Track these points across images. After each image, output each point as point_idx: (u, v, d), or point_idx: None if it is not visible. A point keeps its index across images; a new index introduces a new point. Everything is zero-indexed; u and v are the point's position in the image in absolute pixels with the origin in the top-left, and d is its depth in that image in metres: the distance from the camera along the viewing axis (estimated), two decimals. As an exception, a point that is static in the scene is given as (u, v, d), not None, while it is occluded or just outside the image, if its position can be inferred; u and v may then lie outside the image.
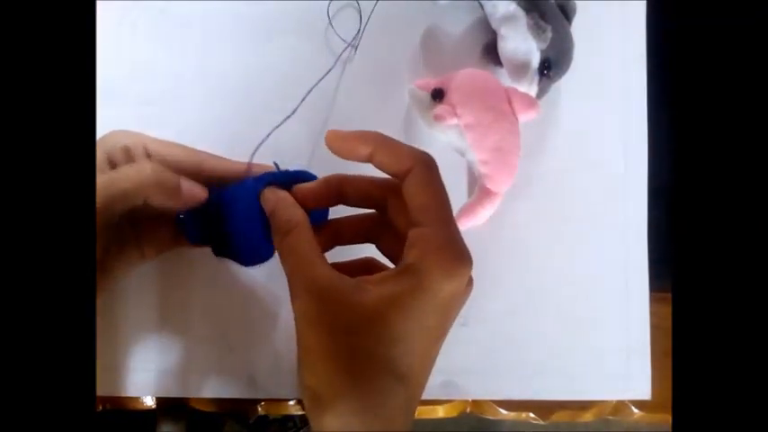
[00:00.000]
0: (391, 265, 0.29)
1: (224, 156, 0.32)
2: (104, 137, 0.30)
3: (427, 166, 0.26)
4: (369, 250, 0.31)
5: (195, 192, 0.30)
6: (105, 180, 0.27)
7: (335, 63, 0.36)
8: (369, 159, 0.27)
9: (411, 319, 0.24)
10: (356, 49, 0.37)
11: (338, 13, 0.37)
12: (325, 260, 0.26)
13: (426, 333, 0.25)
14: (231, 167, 0.32)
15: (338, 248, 0.31)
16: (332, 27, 0.37)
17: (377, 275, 0.26)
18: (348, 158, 0.28)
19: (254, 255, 0.31)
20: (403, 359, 0.24)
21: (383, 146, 0.27)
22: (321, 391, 0.25)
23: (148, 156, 0.30)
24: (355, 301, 0.24)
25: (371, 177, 0.29)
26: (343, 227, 0.31)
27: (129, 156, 0.30)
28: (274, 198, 0.29)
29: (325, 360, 0.24)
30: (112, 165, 0.30)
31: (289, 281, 0.26)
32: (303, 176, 0.30)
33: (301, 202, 0.29)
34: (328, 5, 0.37)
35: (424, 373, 0.26)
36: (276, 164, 0.32)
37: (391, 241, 0.29)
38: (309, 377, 0.25)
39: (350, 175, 0.29)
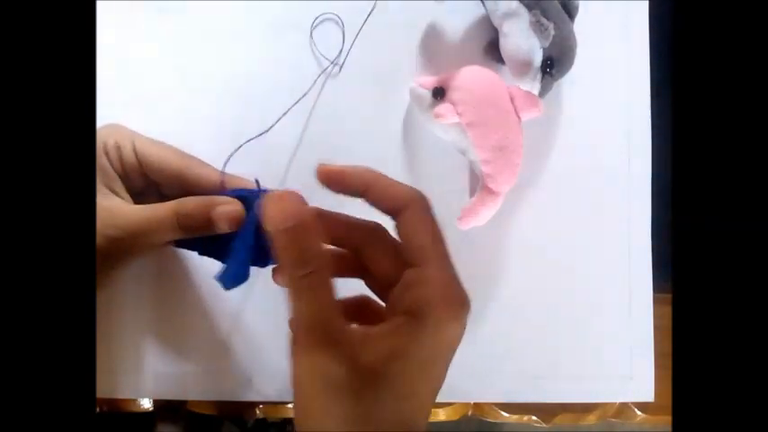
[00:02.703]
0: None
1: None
2: (97, 131, 0.30)
3: (421, 204, 0.26)
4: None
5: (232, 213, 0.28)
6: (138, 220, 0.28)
7: (315, 81, 0.36)
8: (361, 196, 0.26)
9: (419, 371, 0.23)
10: (341, 67, 0.37)
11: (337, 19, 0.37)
12: (339, 308, 0.24)
13: (428, 383, 0.24)
14: (210, 175, 0.30)
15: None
16: (314, 45, 0.37)
17: (379, 327, 0.24)
18: (340, 193, 0.26)
19: (236, 278, 0.28)
20: (408, 414, 0.24)
21: (377, 183, 0.26)
22: None
23: (136, 155, 0.30)
24: (362, 359, 0.23)
25: (348, 218, 0.28)
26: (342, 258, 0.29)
27: (119, 152, 0.30)
28: (296, 221, 0.24)
29: (332, 421, 0.23)
30: (109, 158, 0.30)
31: (299, 325, 0.24)
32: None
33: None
34: (312, 22, 0.37)
35: (425, 422, 0.25)
36: (257, 181, 0.30)
37: (370, 282, 0.28)
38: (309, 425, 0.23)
39: (326, 212, 0.28)
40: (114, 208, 0.29)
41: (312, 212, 0.24)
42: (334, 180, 0.26)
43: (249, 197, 0.29)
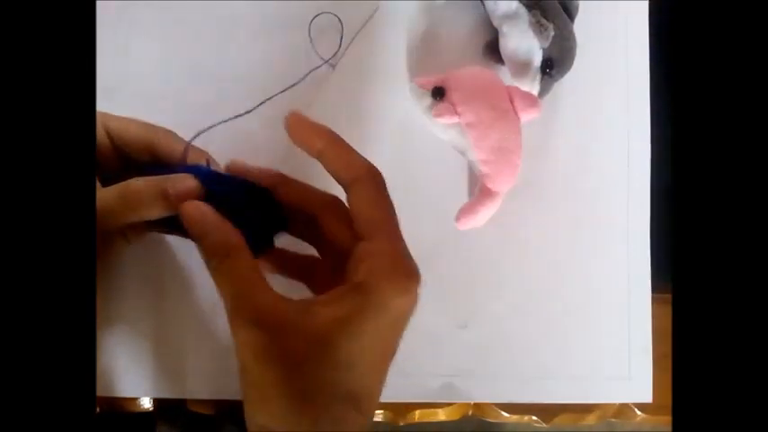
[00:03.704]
0: None
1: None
2: None
3: (374, 178, 0.26)
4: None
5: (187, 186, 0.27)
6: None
7: (305, 76, 0.35)
8: (318, 156, 0.27)
9: (364, 341, 0.23)
10: (334, 67, 0.37)
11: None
12: (268, 284, 0.25)
13: (379, 352, 0.24)
14: (176, 147, 0.30)
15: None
16: (313, 45, 0.37)
17: (324, 296, 0.24)
18: (300, 147, 0.27)
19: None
20: (357, 382, 0.24)
21: (333, 147, 0.26)
22: (274, 429, 0.23)
23: (108, 135, 0.30)
24: (304, 327, 0.23)
25: (308, 188, 0.28)
26: (286, 259, 0.30)
27: None
28: (201, 217, 0.26)
29: (278, 397, 0.23)
30: None
31: (228, 309, 0.24)
32: (231, 180, 0.29)
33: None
34: (310, 22, 0.37)
35: (377, 392, 0.25)
36: (208, 160, 0.30)
37: (325, 274, 0.28)
38: (260, 415, 0.24)
39: (290, 178, 0.29)
40: None
41: (205, 208, 0.26)
42: (294, 127, 0.27)
43: (198, 174, 0.28)
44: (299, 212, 0.28)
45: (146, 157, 0.30)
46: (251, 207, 0.28)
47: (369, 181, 0.26)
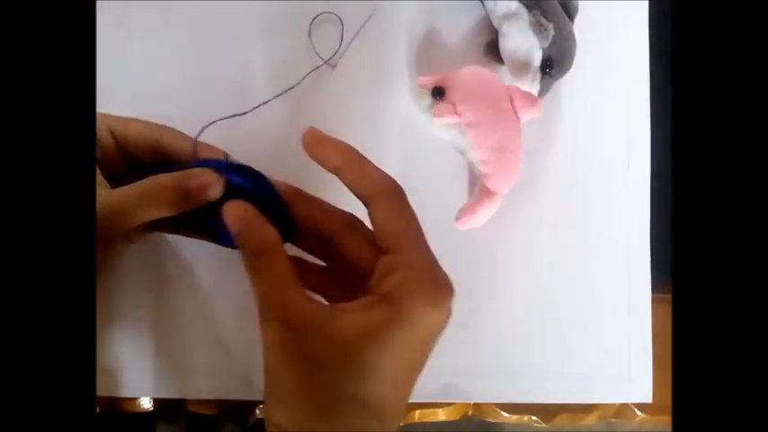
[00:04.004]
0: None
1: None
2: None
3: (395, 192, 0.26)
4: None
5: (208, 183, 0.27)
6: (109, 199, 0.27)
7: (305, 77, 0.35)
8: (336, 172, 0.26)
9: (388, 352, 0.23)
10: (334, 67, 0.37)
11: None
12: (300, 285, 0.25)
13: (404, 366, 0.24)
14: (184, 144, 0.30)
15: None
16: (312, 45, 0.37)
17: (353, 303, 0.24)
18: (317, 162, 0.27)
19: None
20: (379, 394, 0.23)
21: (352, 162, 0.26)
22: (289, 429, 0.23)
23: (112, 135, 0.29)
24: (330, 332, 0.23)
25: (328, 206, 0.28)
26: (309, 271, 0.30)
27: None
28: (241, 214, 0.26)
29: (298, 397, 0.23)
30: None
31: (259, 306, 0.25)
32: (253, 175, 0.29)
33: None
34: (310, 22, 0.37)
35: (400, 407, 0.25)
36: (227, 155, 0.30)
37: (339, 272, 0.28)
38: (278, 413, 0.24)
39: (307, 195, 0.29)
40: None
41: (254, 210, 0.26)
42: (312, 145, 0.27)
43: (218, 168, 0.28)
44: (315, 230, 0.28)
45: (151, 156, 0.30)
46: (270, 200, 0.28)
47: (390, 195, 0.26)
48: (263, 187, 0.29)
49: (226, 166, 0.28)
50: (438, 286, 0.24)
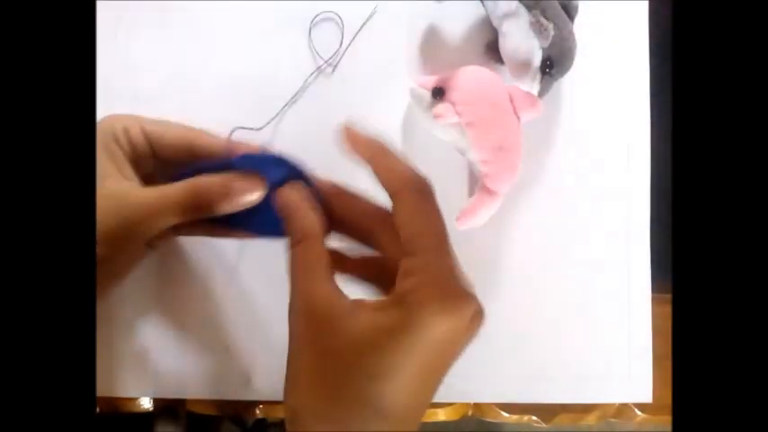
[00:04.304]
0: None
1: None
2: (103, 120, 0.30)
3: (420, 189, 0.25)
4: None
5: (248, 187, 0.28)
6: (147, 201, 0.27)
7: (307, 80, 0.36)
8: (366, 166, 0.27)
9: (398, 356, 0.23)
10: (335, 67, 0.37)
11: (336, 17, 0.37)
12: (331, 277, 0.25)
13: (415, 372, 0.23)
14: (217, 144, 0.31)
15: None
16: (312, 45, 0.37)
17: (374, 302, 0.24)
18: (352, 157, 0.27)
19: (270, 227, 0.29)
20: (387, 396, 0.23)
21: (380, 156, 0.26)
22: (301, 413, 0.24)
23: (147, 138, 0.30)
24: (348, 327, 0.23)
25: (365, 201, 0.28)
26: (352, 261, 0.29)
27: (128, 135, 0.30)
28: (294, 200, 0.27)
29: (311, 384, 0.24)
30: (119, 144, 0.30)
31: (290, 291, 0.25)
32: (292, 167, 0.29)
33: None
34: (310, 22, 0.37)
35: (412, 413, 0.24)
36: (264, 149, 0.31)
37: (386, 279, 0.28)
38: (293, 397, 0.24)
39: (345, 190, 0.29)
40: (127, 190, 0.28)
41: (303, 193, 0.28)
42: (348, 139, 0.27)
43: (260, 162, 0.29)
44: (354, 224, 0.28)
45: (183, 157, 0.30)
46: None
47: (412, 192, 0.25)
48: (304, 180, 0.29)
49: (267, 160, 0.29)
50: (452, 294, 0.23)
